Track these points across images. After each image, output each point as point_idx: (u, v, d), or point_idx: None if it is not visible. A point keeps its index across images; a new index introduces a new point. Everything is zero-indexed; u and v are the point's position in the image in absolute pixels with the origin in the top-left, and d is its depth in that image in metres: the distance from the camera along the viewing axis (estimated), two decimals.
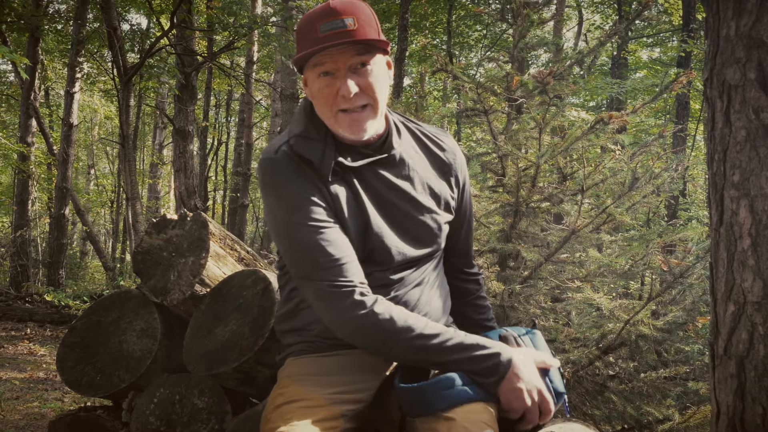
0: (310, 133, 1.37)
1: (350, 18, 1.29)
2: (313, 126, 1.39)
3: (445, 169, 1.51)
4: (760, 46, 1.42)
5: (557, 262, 2.91)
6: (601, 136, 2.87)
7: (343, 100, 1.31)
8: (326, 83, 1.31)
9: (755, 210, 1.43)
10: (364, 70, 1.32)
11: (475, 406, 1.28)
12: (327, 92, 1.32)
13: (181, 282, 2.37)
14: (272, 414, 1.36)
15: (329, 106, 1.33)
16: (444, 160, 1.51)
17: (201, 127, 14.04)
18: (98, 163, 22.49)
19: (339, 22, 1.28)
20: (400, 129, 1.47)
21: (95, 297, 8.95)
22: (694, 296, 2.63)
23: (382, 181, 1.41)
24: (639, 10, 3.33)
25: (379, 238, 1.39)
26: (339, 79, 1.31)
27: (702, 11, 6.56)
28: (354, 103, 1.31)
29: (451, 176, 1.52)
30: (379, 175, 1.41)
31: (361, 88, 1.32)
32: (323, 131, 1.38)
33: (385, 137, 1.41)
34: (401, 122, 1.49)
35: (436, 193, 1.48)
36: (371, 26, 1.32)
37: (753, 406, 1.43)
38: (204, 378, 2.31)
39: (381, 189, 1.41)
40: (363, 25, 1.30)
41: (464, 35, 13.39)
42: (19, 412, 4.05)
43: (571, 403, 2.62)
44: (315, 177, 1.35)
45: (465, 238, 1.62)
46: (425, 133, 1.52)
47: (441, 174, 1.50)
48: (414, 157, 1.46)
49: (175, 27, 8.10)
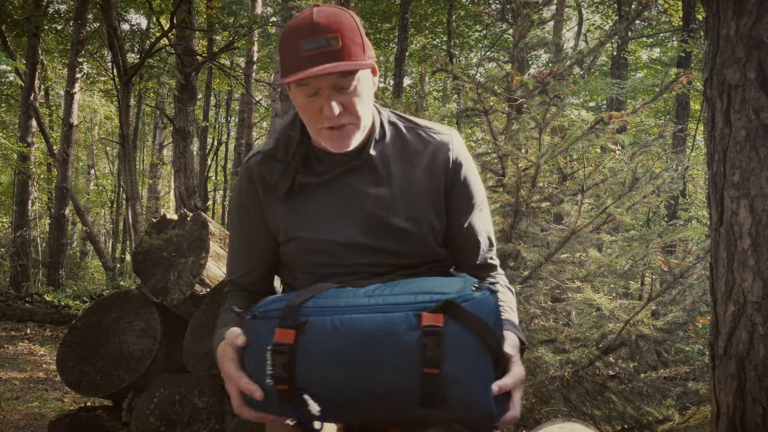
0: (277, 153, 1.39)
1: (334, 35, 1.24)
2: (282, 146, 1.39)
3: (433, 169, 1.40)
4: (760, 46, 1.42)
5: (557, 262, 2.91)
6: (601, 136, 2.87)
7: (327, 119, 1.29)
8: (310, 101, 1.29)
9: (755, 210, 1.43)
10: (347, 89, 1.29)
11: None
12: (311, 109, 1.30)
13: (181, 282, 2.37)
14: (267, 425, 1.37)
15: (314, 121, 1.32)
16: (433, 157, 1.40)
17: (201, 127, 14.04)
18: (98, 163, 22.50)
19: (323, 41, 1.24)
20: (386, 130, 1.41)
21: (95, 297, 8.95)
22: (694, 296, 2.63)
23: (353, 188, 1.37)
24: (639, 11, 3.33)
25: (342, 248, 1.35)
26: (322, 98, 1.28)
27: (702, 11, 6.55)
28: (338, 121, 1.29)
29: (441, 174, 1.40)
30: (351, 182, 1.37)
31: (345, 107, 1.29)
32: (292, 151, 1.38)
33: (364, 143, 1.37)
34: (391, 122, 1.43)
35: (421, 196, 1.38)
36: (356, 42, 1.27)
37: (753, 406, 1.43)
38: (204, 378, 2.31)
39: (351, 197, 1.37)
40: (348, 44, 1.25)
41: (464, 35, 13.39)
42: (19, 412, 4.05)
43: (571, 403, 2.62)
44: (269, 193, 1.40)
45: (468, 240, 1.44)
46: (417, 131, 1.43)
47: (429, 174, 1.40)
48: (396, 160, 1.39)
49: (175, 27, 8.10)
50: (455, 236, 1.43)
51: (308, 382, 1.13)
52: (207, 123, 15.21)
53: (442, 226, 1.41)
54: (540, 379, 2.57)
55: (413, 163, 1.40)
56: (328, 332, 1.13)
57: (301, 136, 1.39)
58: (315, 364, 1.13)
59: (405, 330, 1.10)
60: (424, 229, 1.38)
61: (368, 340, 1.11)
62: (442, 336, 1.09)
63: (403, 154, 1.41)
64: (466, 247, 1.44)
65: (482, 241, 1.44)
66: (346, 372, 1.11)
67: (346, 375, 1.11)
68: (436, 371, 1.08)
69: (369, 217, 1.37)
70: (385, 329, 1.11)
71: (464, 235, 1.43)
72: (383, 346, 1.10)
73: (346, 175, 1.38)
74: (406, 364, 1.09)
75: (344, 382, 1.12)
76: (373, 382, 1.11)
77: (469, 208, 1.43)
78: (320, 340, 1.13)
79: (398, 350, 1.09)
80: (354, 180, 1.38)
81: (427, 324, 1.10)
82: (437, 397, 1.09)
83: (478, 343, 1.10)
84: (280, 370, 1.13)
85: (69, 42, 11.34)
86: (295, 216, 1.38)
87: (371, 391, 1.11)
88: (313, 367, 1.13)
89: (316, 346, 1.13)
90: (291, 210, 1.38)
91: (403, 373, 1.09)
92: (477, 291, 1.15)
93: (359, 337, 1.11)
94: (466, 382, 1.09)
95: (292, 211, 1.38)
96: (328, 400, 1.13)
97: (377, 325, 1.12)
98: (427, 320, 1.10)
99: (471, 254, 1.44)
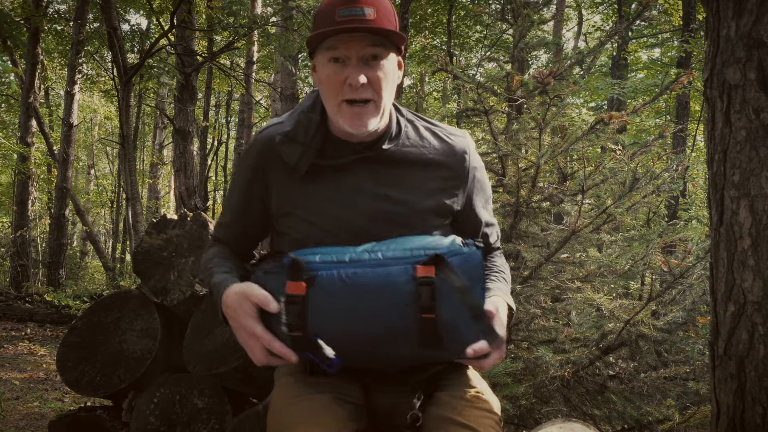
0: (297, 135, 1.40)
1: (371, 8, 1.29)
2: (302, 129, 1.40)
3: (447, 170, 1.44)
4: (760, 46, 1.42)
5: (557, 262, 2.90)
6: (602, 137, 2.87)
7: (350, 89, 1.31)
8: (335, 69, 1.31)
9: (755, 210, 1.43)
10: (375, 63, 1.32)
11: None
12: (335, 79, 1.31)
13: (181, 282, 2.37)
14: (278, 413, 1.37)
15: (335, 93, 1.33)
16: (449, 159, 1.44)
17: (201, 127, 14.04)
18: (98, 163, 22.50)
19: (359, 10, 1.29)
20: (403, 127, 1.44)
21: (95, 297, 8.95)
22: (694, 296, 2.63)
23: (362, 178, 1.40)
24: (639, 11, 3.33)
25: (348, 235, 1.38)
26: (349, 68, 1.31)
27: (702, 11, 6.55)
28: (360, 95, 1.31)
29: (456, 176, 1.44)
30: (360, 172, 1.40)
31: (369, 81, 1.31)
32: (311, 133, 1.40)
33: (380, 136, 1.40)
34: (409, 119, 1.46)
35: (431, 196, 1.42)
36: (389, 20, 1.32)
37: (753, 406, 1.43)
38: (204, 378, 2.31)
39: (359, 186, 1.40)
40: (382, 18, 1.30)
41: (464, 35, 13.39)
42: (19, 412, 4.05)
43: (571, 403, 2.62)
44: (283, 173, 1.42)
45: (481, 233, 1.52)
46: (435, 132, 1.46)
47: (442, 174, 1.44)
48: (409, 157, 1.42)
49: (175, 27, 8.10)
50: (469, 231, 1.50)
51: (319, 329, 1.25)
52: (207, 123, 15.20)
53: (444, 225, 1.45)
54: (540, 379, 2.57)
55: (428, 160, 1.43)
56: (336, 284, 1.24)
57: (320, 118, 1.41)
58: (325, 313, 1.25)
59: (404, 281, 1.23)
60: (428, 228, 1.41)
61: (372, 291, 1.23)
62: (434, 285, 1.22)
63: (419, 153, 1.43)
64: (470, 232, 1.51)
65: (491, 233, 1.55)
66: (354, 319, 1.24)
67: (354, 322, 1.24)
68: (433, 316, 1.22)
69: (374, 209, 1.39)
70: (387, 281, 1.23)
71: (478, 229, 1.52)
72: (385, 296, 1.23)
73: (358, 164, 1.40)
74: (406, 310, 1.22)
75: (352, 328, 1.24)
76: (378, 326, 1.24)
77: (482, 205, 1.52)
78: (329, 292, 1.24)
79: (399, 299, 1.22)
80: (365, 170, 1.40)
81: (422, 275, 1.23)
82: (434, 338, 1.24)
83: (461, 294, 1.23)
84: (295, 319, 1.24)
85: (69, 42, 11.34)
86: (304, 196, 1.41)
87: (375, 335, 1.24)
88: (324, 315, 1.25)
89: (326, 297, 1.24)
90: (301, 189, 1.42)
91: (404, 317, 1.23)
92: (465, 246, 1.28)
93: (364, 289, 1.23)
94: (457, 325, 1.23)
95: (302, 190, 1.42)
96: (339, 345, 1.24)
97: (379, 277, 1.24)
98: (421, 272, 1.23)
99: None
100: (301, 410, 1.31)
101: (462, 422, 1.29)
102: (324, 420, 1.28)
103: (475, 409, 1.34)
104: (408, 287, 1.23)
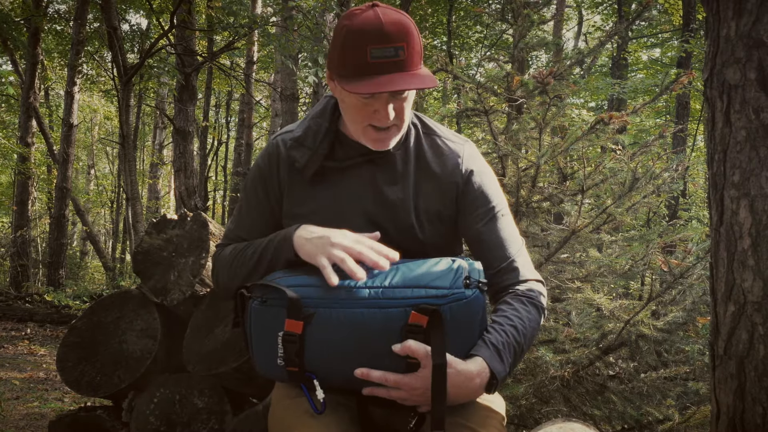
0: (306, 139, 1.44)
1: (401, 45, 1.27)
2: (311, 134, 1.44)
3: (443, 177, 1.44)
4: (760, 46, 1.42)
5: (557, 262, 2.91)
6: (602, 137, 2.87)
7: (378, 120, 1.33)
8: (364, 102, 1.32)
9: (755, 210, 1.43)
10: (403, 96, 1.34)
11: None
12: (364, 111, 1.33)
13: (181, 282, 2.37)
14: (278, 413, 1.37)
15: (361, 119, 1.35)
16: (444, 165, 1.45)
17: (201, 127, 14.04)
18: (98, 163, 22.50)
19: (391, 51, 1.26)
20: (410, 132, 1.46)
21: (95, 297, 8.95)
22: (694, 296, 2.63)
23: (368, 180, 1.43)
24: (639, 11, 3.33)
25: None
26: (378, 102, 1.31)
27: (702, 11, 6.56)
28: (386, 124, 1.34)
29: (450, 183, 1.44)
30: (366, 174, 1.43)
31: (396, 113, 1.34)
32: (320, 138, 1.43)
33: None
34: (413, 124, 1.48)
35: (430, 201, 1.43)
36: (417, 52, 1.31)
37: (753, 406, 1.43)
38: (204, 378, 2.31)
39: (366, 187, 1.43)
40: (412, 54, 1.29)
41: (464, 35, 13.39)
42: (19, 412, 4.05)
43: (571, 403, 2.62)
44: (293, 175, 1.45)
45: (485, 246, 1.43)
46: (432, 137, 1.47)
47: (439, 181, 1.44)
48: (412, 161, 1.44)
49: (175, 27, 8.10)
50: (472, 242, 1.46)
51: (316, 366, 1.28)
52: (207, 123, 15.21)
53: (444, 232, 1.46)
54: (540, 379, 2.57)
55: (425, 168, 1.45)
56: (333, 324, 1.25)
57: (329, 124, 1.45)
58: (321, 352, 1.27)
59: (400, 327, 1.24)
60: (427, 233, 1.43)
61: (368, 334, 1.24)
62: (421, 336, 1.22)
63: (419, 157, 1.46)
64: (483, 253, 1.43)
65: (500, 247, 1.42)
66: (349, 360, 1.26)
67: (349, 362, 1.26)
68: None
69: (379, 211, 1.42)
70: (384, 325, 1.24)
71: (481, 240, 1.43)
72: (382, 339, 1.24)
73: (365, 166, 1.43)
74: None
75: (347, 368, 1.26)
76: (372, 367, 1.25)
77: (485, 215, 1.43)
78: (327, 331, 1.25)
79: (393, 342, 1.24)
80: (370, 172, 1.43)
81: (413, 322, 1.23)
82: None
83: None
84: (292, 356, 1.26)
85: (69, 42, 11.34)
86: (309, 198, 1.45)
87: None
88: (320, 354, 1.27)
89: (323, 336, 1.26)
90: (307, 191, 1.45)
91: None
92: (468, 288, 1.26)
93: (361, 331, 1.24)
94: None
95: (308, 192, 1.45)
96: (334, 381, 1.29)
97: (377, 321, 1.24)
98: (413, 319, 1.23)
99: (489, 260, 1.42)
100: (301, 410, 1.32)
101: (465, 423, 1.29)
102: (324, 420, 1.28)
103: (478, 409, 1.34)
104: (402, 333, 1.24)
